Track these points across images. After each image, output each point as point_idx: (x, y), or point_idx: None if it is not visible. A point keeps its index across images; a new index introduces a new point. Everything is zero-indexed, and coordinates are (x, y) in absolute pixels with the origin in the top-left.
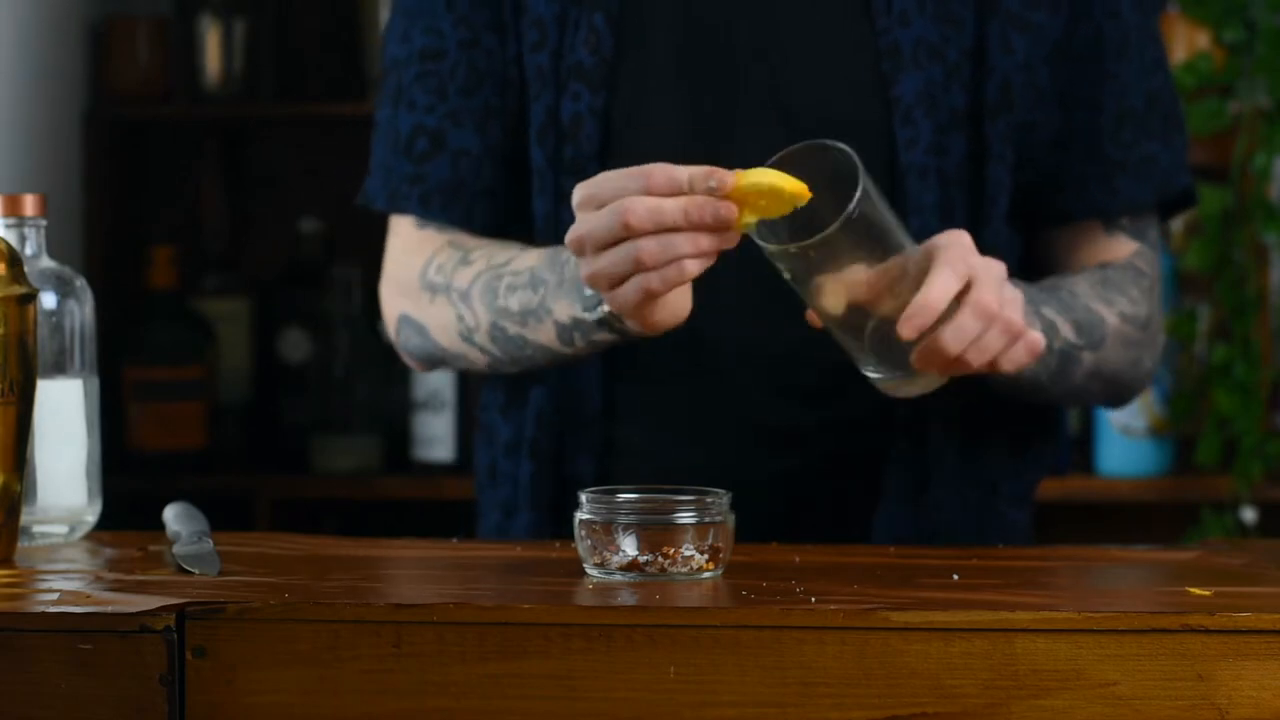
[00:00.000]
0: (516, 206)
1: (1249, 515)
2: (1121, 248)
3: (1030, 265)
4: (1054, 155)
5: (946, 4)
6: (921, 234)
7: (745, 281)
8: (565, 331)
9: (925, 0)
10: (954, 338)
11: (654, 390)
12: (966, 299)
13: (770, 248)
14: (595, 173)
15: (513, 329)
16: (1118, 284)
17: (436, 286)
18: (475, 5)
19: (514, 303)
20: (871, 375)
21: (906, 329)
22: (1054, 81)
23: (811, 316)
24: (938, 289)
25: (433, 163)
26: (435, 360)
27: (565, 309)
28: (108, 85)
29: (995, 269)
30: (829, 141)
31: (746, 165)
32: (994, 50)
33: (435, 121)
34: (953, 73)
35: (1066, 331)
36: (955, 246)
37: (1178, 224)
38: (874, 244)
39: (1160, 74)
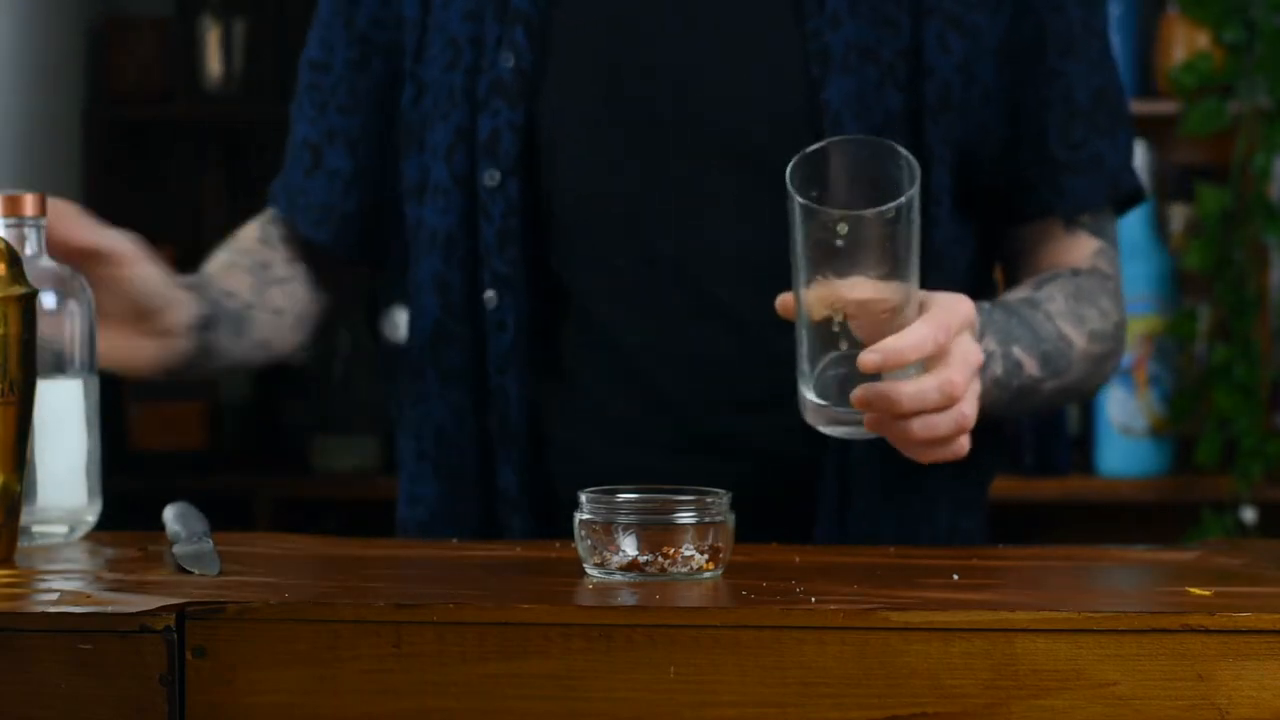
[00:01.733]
0: (388, 224)
1: (1249, 515)
2: (1083, 246)
3: (1001, 261)
4: (1004, 155)
5: (880, 5)
6: None
7: (672, 296)
8: None
9: (858, 1)
10: (912, 398)
11: (584, 400)
12: (938, 370)
13: (805, 204)
14: (514, 189)
15: None
16: (1090, 296)
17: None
18: (376, 25)
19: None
20: (808, 397)
21: (869, 359)
22: (999, 81)
23: (785, 302)
24: (915, 338)
25: (312, 179)
26: None
27: None
28: (108, 85)
29: (973, 357)
30: (896, 146)
31: (673, 174)
32: (931, 50)
33: (315, 137)
34: (887, 74)
35: (1031, 368)
36: (951, 313)
37: (1178, 224)
38: (892, 258)
39: (1105, 71)
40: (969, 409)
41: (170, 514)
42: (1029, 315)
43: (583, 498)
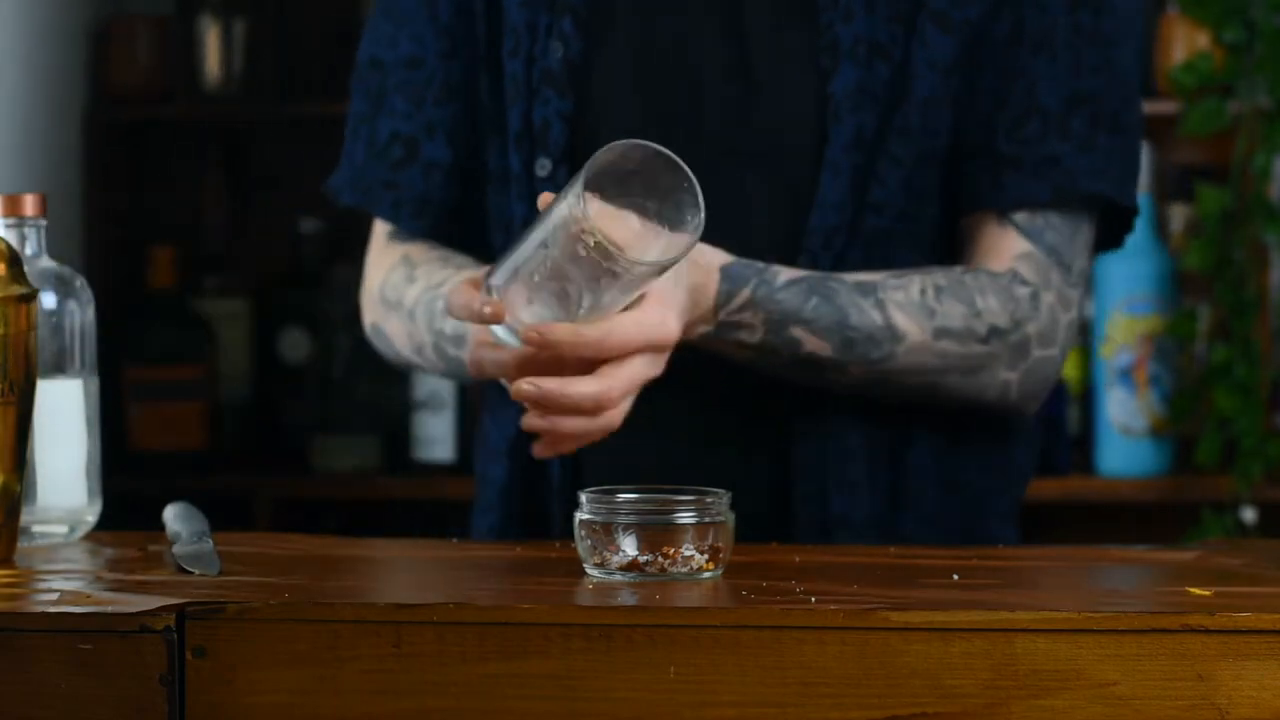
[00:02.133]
0: (477, 213)
1: (1249, 515)
2: (1009, 246)
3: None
4: (959, 145)
5: (895, 3)
6: (832, 231)
7: None
8: None
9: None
10: (568, 396)
11: None
12: (603, 377)
13: (587, 226)
14: (563, 178)
15: (450, 350)
16: (966, 294)
17: (390, 302)
18: (457, 14)
19: (448, 326)
20: (500, 286)
21: (525, 388)
22: (970, 73)
23: (545, 199)
24: (579, 393)
25: (406, 172)
26: (404, 365)
27: None
28: (108, 85)
29: (653, 371)
30: (697, 192)
31: (703, 167)
32: (914, 46)
33: (410, 130)
34: (898, 71)
35: (817, 347)
36: (642, 329)
37: (1178, 224)
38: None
39: (1101, 77)
40: (617, 416)
41: (170, 514)
42: (847, 299)
43: (582, 498)
